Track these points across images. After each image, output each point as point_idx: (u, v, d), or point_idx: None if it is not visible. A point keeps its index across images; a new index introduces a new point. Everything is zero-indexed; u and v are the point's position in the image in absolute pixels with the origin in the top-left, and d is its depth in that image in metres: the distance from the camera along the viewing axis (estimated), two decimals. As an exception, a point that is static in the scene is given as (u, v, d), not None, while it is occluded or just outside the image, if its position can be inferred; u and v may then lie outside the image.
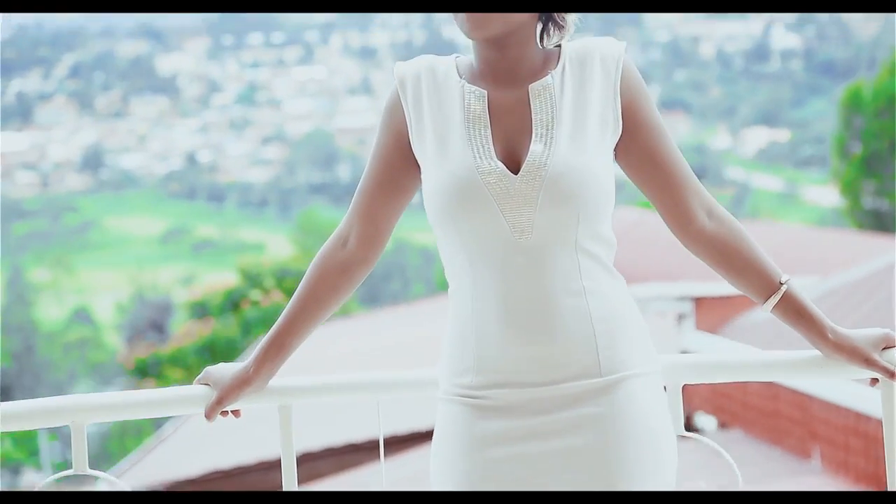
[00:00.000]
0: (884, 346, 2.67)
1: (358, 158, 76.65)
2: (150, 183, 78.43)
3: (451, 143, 2.56)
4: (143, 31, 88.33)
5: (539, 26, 2.61)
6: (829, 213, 53.62)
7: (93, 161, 79.11)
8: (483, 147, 2.54)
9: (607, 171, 2.55)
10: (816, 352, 2.72)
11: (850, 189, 34.16)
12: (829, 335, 2.66)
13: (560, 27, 2.61)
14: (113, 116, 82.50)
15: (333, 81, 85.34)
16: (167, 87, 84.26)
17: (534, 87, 2.57)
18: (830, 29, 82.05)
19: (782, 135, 77.05)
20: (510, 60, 2.58)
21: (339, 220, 2.78)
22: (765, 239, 18.81)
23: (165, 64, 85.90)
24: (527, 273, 2.52)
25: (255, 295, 27.03)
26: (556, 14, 2.59)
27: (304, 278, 2.74)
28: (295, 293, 2.74)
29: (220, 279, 33.64)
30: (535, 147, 2.53)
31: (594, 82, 2.58)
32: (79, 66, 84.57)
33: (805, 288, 11.76)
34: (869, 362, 2.66)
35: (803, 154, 74.69)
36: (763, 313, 2.68)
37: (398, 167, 2.64)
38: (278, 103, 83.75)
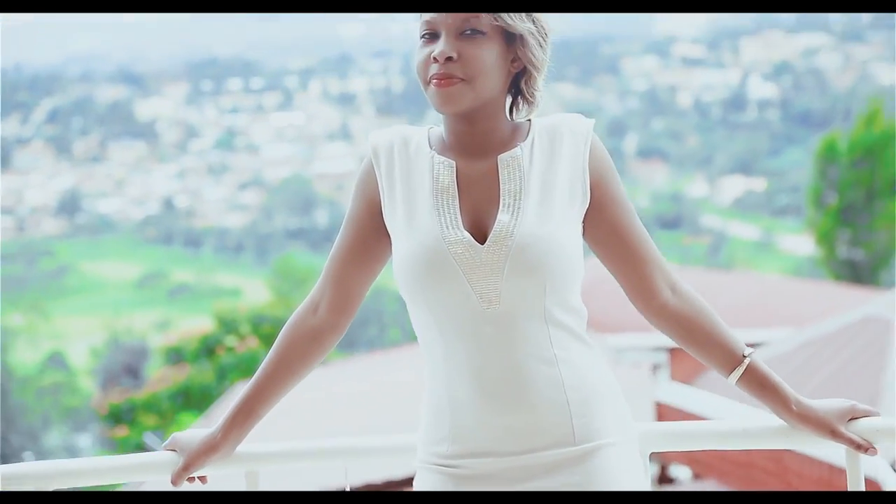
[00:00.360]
0: (850, 418, 2.69)
1: (336, 204, 76.67)
2: (127, 228, 78.26)
3: (420, 214, 2.59)
4: (121, 76, 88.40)
5: (508, 100, 2.64)
6: (805, 262, 53.81)
7: (69, 205, 78.91)
8: (450, 217, 2.56)
9: (574, 242, 2.57)
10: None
11: (826, 239, 34.37)
12: (794, 407, 2.68)
13: (529, 102, 2.64)
14: (90, 161, 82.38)
15: (312, 127, 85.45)
16: (145, 132, 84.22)
17: (502, 158, 2.59)
18: (807, 79, 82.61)
19: (759, 184, 77.39)
20: (479, 134, 2.60)
21: (317, 265, 2.80)
22: (741, 290, 18.91)
23: (144, 109, 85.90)
24: (497, 342, 2.53)
25: (231, 341, 26.91)
26: (525, 89, 2.62)
27: (274, 344, 2.73)
28: (265, 359, 2.74)
29: (195, 324, 33.50)
30: (502, 217, 2.55)
31: (563, 156, 2.60)
32: (57, 110, 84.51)
33: (780, 339, 11.78)
34: (835, 434, 2.68)
35: (779, 203, 75.01)
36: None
37: (371, 236, 2.67)
38: (257, 149, 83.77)
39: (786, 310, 16.54)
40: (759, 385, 2.66)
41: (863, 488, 2.77)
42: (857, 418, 2.69)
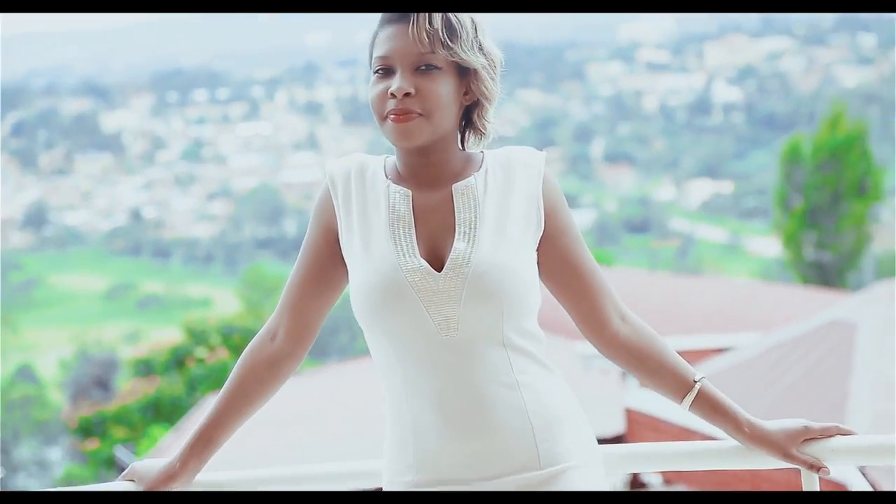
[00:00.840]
0: (804, 438, 2.72)
1: (304, 213, 76.56)
2: (95, 240, 77.94)
3: (376, 242, 2.60)
4: (86, 88, 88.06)
5: (459, 134, 2.67)
6: (773, 264, 54.02)
7: (36, 218, 78.56)
8: (407, 245, 2.58)
9: (530, 269, 2.59)
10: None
11: (792, 241, 34.51)
12: (746, 429, 2.70)
13: (481, 133, 2.67)
14: (57, 174, 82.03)
15: (279, 137, 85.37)
16: (111, 143, 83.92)
17: (457, 188, 2.62)
18: (771, 83, 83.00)
19: (725, 186, 77.71)
20: (433, 165, 2.63)
21: (286, 274, 2.79)
22: (709, 295, 18.95)
23: (110, 121, 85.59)
24: (457, 369, 2.55)
25: (201, 352, 26.81)
26: (476, 121, 2.66)
27: (232, 373, 2.73)
28: (223, 388, 2.74)
29: (165, 336, 33.38)
30: (459, 245, 2.57)
31: (517, 186, 2.64)
32: (22, 123, 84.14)
33: (748, 344, 11.84)
34: (788, 456, 2.71)
35: (746, 205, 75.34)
36: (709, 369, 2.74)
37: (328, 263, 2.68)
38: (224, 159, 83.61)
39: (753, 314, 16.61)
40: (711, 409, 2.69)
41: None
42: (811, 438, 2.72)
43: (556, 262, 2.65)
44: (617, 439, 11.70)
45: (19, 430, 45.76)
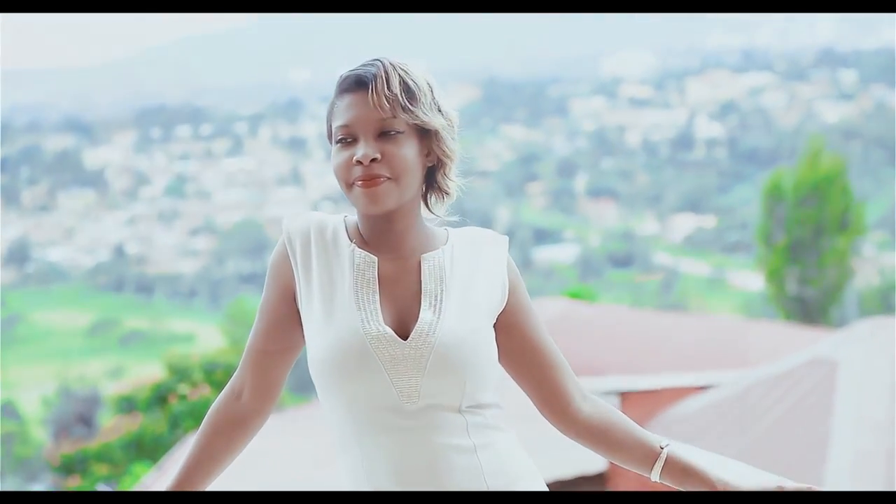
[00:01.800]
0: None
1: (287, 249, 76.49)
2: (78, 276, 77.78)
3: (339, 307, 2.60)
4: (69, 124, 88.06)
5: (422, 198, 2.68)
6: (756, 299, 54.11)
7: (18, 255, 78.39)
8: (371, 312, 2.58)
9: (492, 342, 2.62)
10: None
11: (775, 276, 34.57)
12: (720, 486, 2.69)
13: (444, 194, 2.69)
14: (39, 210, 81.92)
15: (263, 172, 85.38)
16: (95, 180, 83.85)
17: (426, 258, 2.63)
18: (753, 118, 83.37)
19: (708, 221, 77.92)
20: (398, 232, 2.64)
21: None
22: (691, 331, 18.94)
23: (93, 157, 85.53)
24: (414, 435, 2.56)
25: (183, 389, 26.72)
26: (441, 181, 2.67)
27: (199, 433, 2.74)
28: (190, 449, 2.73)
29: (148, 372, 33.27)
30: (425, 315, 2.58)
31: (483, 262, 2.66)
32: (5, 160, 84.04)
33: (730, 382, 11.86)
34: None
35: (729, 240, 75.53)
36: (691, 407, 2.74)
37: (287, 323, 2.68)
38: (207, 194, 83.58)
39: (735, 351, 16.62)
40: (683, 473, 2.68)
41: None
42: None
43: (517, 339, 2.68)
44: (599, 477, 11.68)
45: (2, 467, 45.57)
